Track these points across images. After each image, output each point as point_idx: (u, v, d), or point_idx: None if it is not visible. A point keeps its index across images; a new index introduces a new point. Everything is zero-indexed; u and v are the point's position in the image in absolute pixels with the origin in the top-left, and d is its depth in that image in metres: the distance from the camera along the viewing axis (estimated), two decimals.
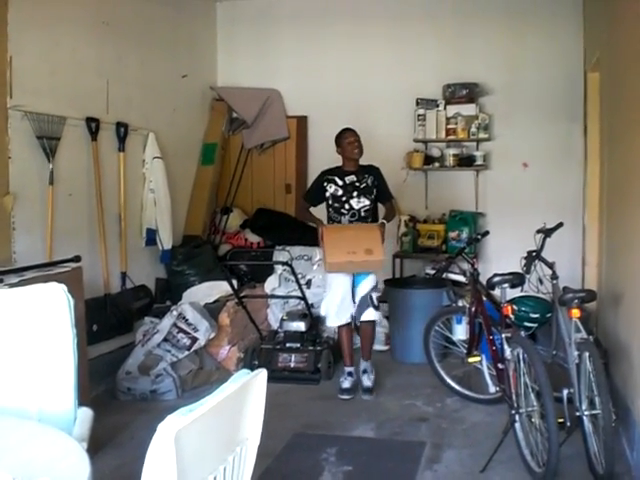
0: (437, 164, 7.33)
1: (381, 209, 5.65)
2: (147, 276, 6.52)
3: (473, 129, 7.18)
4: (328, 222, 5.50)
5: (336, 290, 5.41)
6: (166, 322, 5.64)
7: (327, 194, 5.48)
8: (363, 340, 5.59)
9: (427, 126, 7.29)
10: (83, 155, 5.64)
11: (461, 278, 5.42)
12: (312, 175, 6.47)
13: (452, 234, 7.13)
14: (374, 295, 5.40)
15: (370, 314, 5.40)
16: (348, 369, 5.55)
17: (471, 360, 5.01)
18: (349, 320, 5.49)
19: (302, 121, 7.75)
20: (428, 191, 7.48)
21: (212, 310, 6.02)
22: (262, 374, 2.04)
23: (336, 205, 5.47)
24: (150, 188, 6.38)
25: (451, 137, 7.28)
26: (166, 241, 6.46)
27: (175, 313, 5.70)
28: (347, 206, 5.45)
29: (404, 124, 7.38)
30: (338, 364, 5.77)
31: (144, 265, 6.48)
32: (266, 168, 7.74)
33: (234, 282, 6.27)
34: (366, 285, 5.39)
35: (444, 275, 5.57)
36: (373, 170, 5.55)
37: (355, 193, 5.44)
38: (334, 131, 7.30)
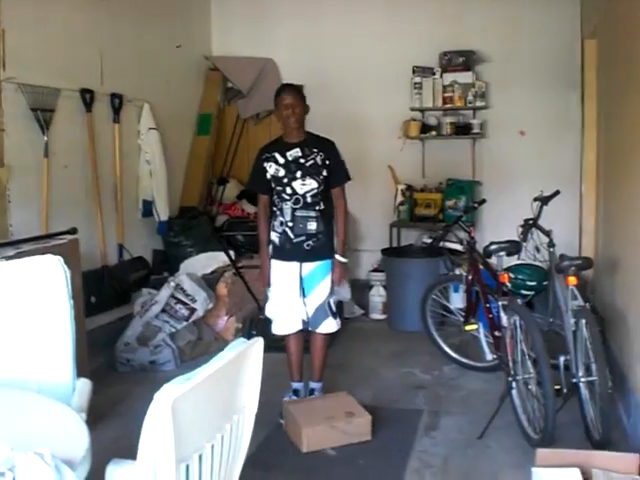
0: (434, 133, 7.30)
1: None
2: (144, 248, 6.51)
3: (470, 97, 7.15)
4: (272, 210, 4.49)
5: (278, 293, 4.49)
6: (164, 293, 5.65)
7: (267, 176, 4.40)
8: (314, 355, 4.58)
9: (424, 94, 7.26)
10: (78, 127, 5.61)
11: (458, 247, 5.43)
12: None
13: (449, 203, 7.12)
14: (332, 301, 4.50)
15: (329, 325, 4.50)
16: (295, 385, 4.62)
17: (468, 328, 5.03)
18: (300, 328, 4.53)
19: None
20: (425, 160, 7.46)
21: (210, 281, 6.03)
22: (259, 343, 2.05)
23: (278, 188, 4.37)
24: (146, 159, 6.37)
25: (448, 105, 7.25)
26: (162, 212, 6.45)
27: (173, 284, 5.70)
28: (289, 190, 4.34)
29: (401, 93, 7.34)
30: (340, 334, 5.71)
31: (141, 237, 6.48)
32: (262, 138, 7.58)
33: (231, 253, 6.28)
34: (320, 293, 4.45)
35: (441, 244, 5.56)
36: (325, 144, 4.44)
37: (299, 173, 4.33)
38: (331, 100, 7.31)
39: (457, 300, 6.06)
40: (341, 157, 4.45)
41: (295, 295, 4.44)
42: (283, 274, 4.44)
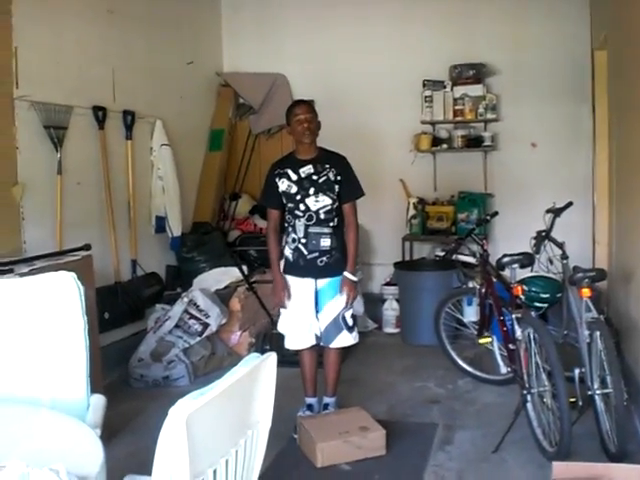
0: (445, 146, 7.30)
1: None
2: (157, 263, 6.53)
3: (481, 110, 7.15)
4: (285, 225, 4.49)
5: (291, 308, 4.45)
6: (177, 309, 5.66)
7: (279, 191, 4.40)
8: (328, 370, 4.53)
9: (434, 107, 7.26)
10: (91, 144, 5.64)
11: (471, 259, 5.42)
12: None
13: (461, 215, 7.11)
14: (348, 314, 4.45)
15: (345, 339, 4.45)
16: (309, 400, 4.59)
17: (482, 341, 5.02)
18: (313, 343, 4.48)
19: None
20: (437, 173, 7.45)
21: (223, 296, 6.04)
22: (272, 357, 2.05)
23: (290, 205, 4.37)
24: (158, 175, 6.39)
25: (459, 118, 7.24)
26: (175, 228, 6.47)
27: (186, 300, 5.71)
28: (302, 206, 4.33)
29: (411, 106, 7.34)
30: (353, 348, 5.67)
31: (154, 253, 6.50)
32: (274, 153, 7.61)
33: (244, 268, 6.28)
34: (333, 308, 4.40)
35: (454, 257, 5.54)
36: (338, 160, 4.42)
37: (312, 190, 4.32)
38: (341, 114, 7.32)
39: (471, 313, 6.02)
40: (353, 172, 4.43)
41: (309, 310, 4.40)
42: (297, 290, 4.41)
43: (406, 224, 7.32)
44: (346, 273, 4.36)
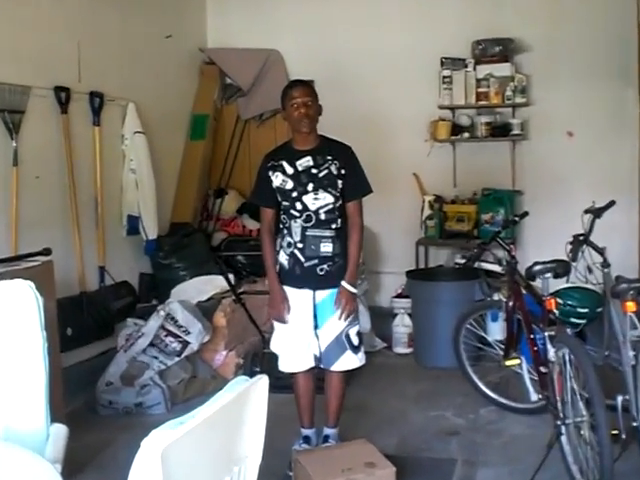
0: (466, 134, 7.31)
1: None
2: (129, 271, 6.54)
3: (508, 92, 7.15)
4: (279, 227, 4.48)
5: (286, 324, 4.43)
6: (152, 324, 5.65)
7: (273, 186, 4.37)
8: (330, 397, 4.51)
9: (454, 90, 7.26)
10: (52, 131, 5.65)
11: (496, 268, 5.41)
12: None
13: (485, 216, 7.11)
14: (353, 332, 4.42)
15: (349, 361, 4.42)
16: (305, 432, 4.56)
17: (509, 363, 5.01)
18: (312, 365, 4.45)
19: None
20: (456, 166, 7.46)
21: (206, 309, 6.04)
22: (262, 381, 2.05)
23: (285, 204, 4.34)
24: (131, 168, 6.41)
25: (482, 102, 7.25)
26: (150, 230, 6.47)
27: (162, 313, 5.71)
28: (299, 205, 4.29)
29: (427, 88, 7.36)
30: (358, 371, 5.65)
31: (125, 258, 6.51)
32: (266, 142, 7.63)
33: (231, 276, 6.28)
34: (335, 324, 4.36)
35: (476, 264, 5.54)
36: (342, 150, 4.40)
37: (311, 186, 4.28)
38: (345, 97, 7.33)
39: (495, 331, 6.02)
40: (359, 165, 4.40)
41: (307, 327, 4.37)
42: (293, 302, 4.39)
43: (421, 226, 7.33)
44: (344, 283, 4.32)
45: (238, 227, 7.61)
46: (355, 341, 4.41)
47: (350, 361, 4.42)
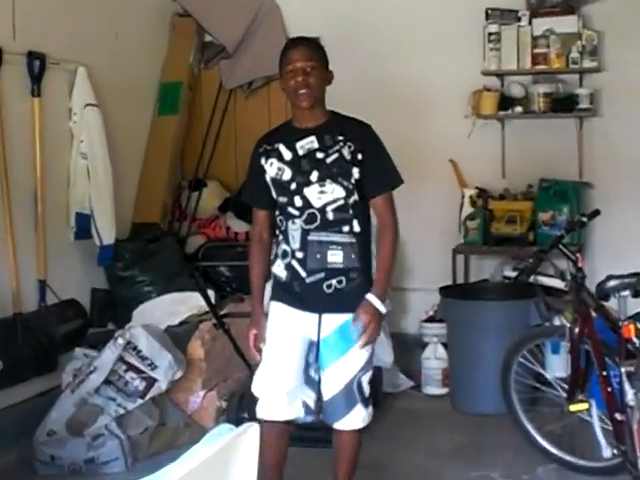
0: (519, 109, 7.31)
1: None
2: (78, 286, 6.55)
3: (574, 54, 7.14)
4: (276, 233, 4.40)
5: (272, 353, 4.29)
6: (108, 355, 5.64)
7: (267, 178, 4.27)
8: (340, 458, 4.36)
9: (503, 51, 7.27)
10: None
11: (557, 283, 5.41)
12: None
13: (543, 216, 7.11)
14: (367, 378, 4.26)
15: (358, 417, 4.25)
16: None
17: (574, 408, 5.00)
18: (290, 417, 4.31)
19: None
20: (506, 151, 7.48)
21: (178, 336, 6.03)
22: (252, 431, 2.04)
23: (282, 200, 4.23)
24: (81, 152, 6.40)
25: (540, 67, 7.27)
26: (106, 232, 6.47)
27: (121, 342, 5.70)
28: (299, 201, 4.17)
29: (468, 49, 7.38)
30: (376, 420, 5.55)
31: (73, 269, 6.52)
32: (257, 118, 7.71)
33: (211, 293, 6.27)
34: (348, 366, 4.20)
35: (531, 279, 5.54)
36: (358, 129, 4.29)
37: (315, 174, 4.16)
38: (360, 61, 7.33)
39: (557, 365, 6.03)
40: (383, 148, 4.30)
41: (296, 362, 4.26)
42: (286, 327, 4.28)
43: (459, 229, 7.34)
44: (370, 297, 4.15)
45: (220, 229, 7.61)
46: (367, 391, 4.26)
47: (359, 417, 4.25)
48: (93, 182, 6.42)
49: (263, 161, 4.27)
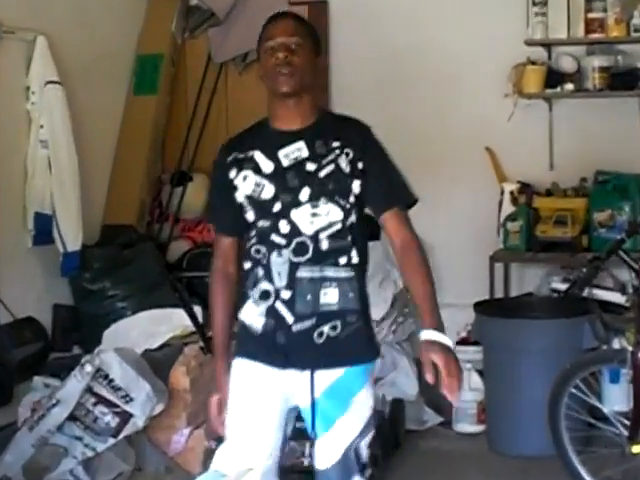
0: (570, 86, 7.32)
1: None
2: (37, 301, 6.58)
3: (636, 20, 7.16)
4: (244, 270, 3.95)
5: (240, 427, 3.97)
6: (74, 386, 5.67)
7: (238, 199, 3.89)
8: None
9: (550, 16, 7.30)
10: None
11: (617, 297, 5.43)
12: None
13: (600, 216, 7.12)
14: (366, 442, 4.00)
15: None
16: None
17: (637, 450, 5.01)
18: None
19: (317, 10, 7.75)
20: (554, 137, 7.50)
21: (158, 362, 6.05)
22: (250, 477, 2.07)
23: (262, 224, 3.84)
24: (41, 139, 6.44)
25: (595, 35, 7.28)
26: (71, 237, 6.50)
27: (90, 369, 5.72)
28: (285, 226, 3.79)
29: (507, 14, 7.42)
30: (396, 462, 5.62)
31: (31, 281, 6.55)
32: (253, 98, 7.66)
33: (197, 309, 6.30)
34: (348, 426, 3.95)
35: (586, 292, 5.56)
36: (356, 131, 3.96)
37: (306, 192, 3.80)
38: (372, 26, 7.33)
39: (616, 398, 6.04)
40: (388, 157, 3.95)
41: (276, 435, 3.92)
42: (261, 390, 3.94)
43: (498, 231, 7.36)
44: (429, 334, 3.80)
45: (208, 232, 7.62)
46: (365, 457, 4.04)
47: None
48: (55, 176, 6.45)
49: (233, 174, 3.89)
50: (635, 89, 7.23)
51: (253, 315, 3.91)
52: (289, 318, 3.81)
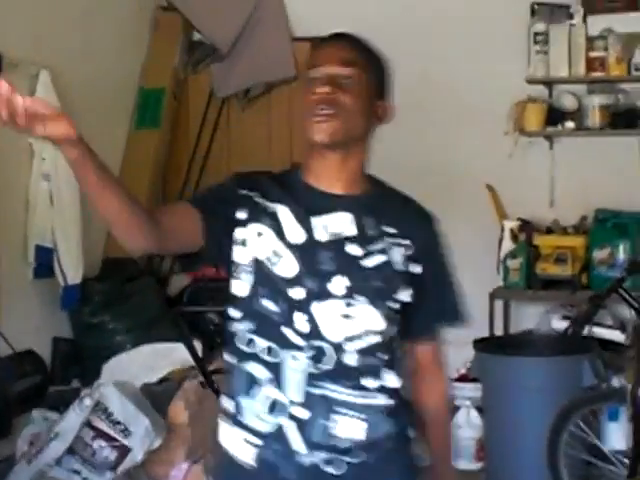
0: (571, 124, 7.33)
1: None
2: (36, 334, 6.57)
3: (637, 59, 7.17)
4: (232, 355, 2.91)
5: None
6: (72, 419, 5.66)
7: (234, 259, 2.96)
8: None
9: (552, 55, 7.31)
10: None
11: (617, 336, 5.42)
12: None
13: (600, 254, 7.11)
14: None
15: None
16: None
17: None
18: None
19: None
20: (555, 174, 7.50)
21: (157, 397, 6.04)
22: None
23: (267, 306, 2.81)
24: (42, 172, 6.44)
25: (597, 74, 7.29)
26: (72, 270, 6.50)
27: (89, 403, 5.71)
28: (304, 324, 2.76)
29: (509, 52, 7.43)
30: None
31: (31, 314, 6.54)
32: (256, 133, 7.77)
33: (197, 344, 6.29)
34: None
35: (586, 331, 5.54)
36: (416, 217, 3.03)
37: (341, 282, 2.79)
38: None
39: (616, 436, 6.02)
40: (449, 263, 3.08)
41: None
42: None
43: (497, 268, 7.35)
44: None
45: (209, 267, 7.63)
46: None
47: None
48: (57, 209, 6.46)
49: (242, 215, 2.86)
50: (636, 128, 7.24)
51: (239, 440, 2.87)
52: (300, 447, 2.80)
